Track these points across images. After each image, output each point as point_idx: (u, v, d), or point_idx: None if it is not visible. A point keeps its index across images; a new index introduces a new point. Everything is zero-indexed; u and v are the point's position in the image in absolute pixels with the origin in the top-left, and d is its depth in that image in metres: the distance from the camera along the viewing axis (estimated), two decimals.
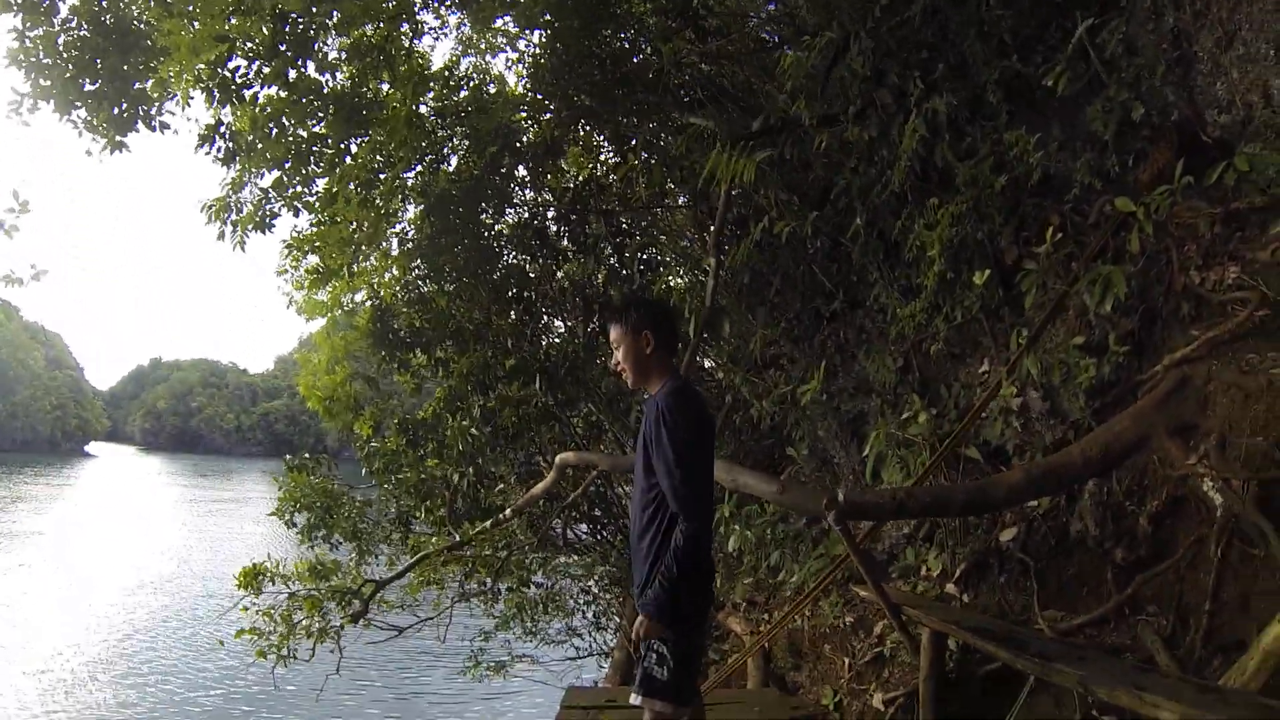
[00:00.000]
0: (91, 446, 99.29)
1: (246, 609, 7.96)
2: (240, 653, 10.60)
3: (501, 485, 9.83)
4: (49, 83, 7.27)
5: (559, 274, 9.84)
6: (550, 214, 9.68)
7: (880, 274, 5.66)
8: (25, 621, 20.17)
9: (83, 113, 7.50)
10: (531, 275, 9.95)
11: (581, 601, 9.97)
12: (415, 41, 8.47)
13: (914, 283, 5.29)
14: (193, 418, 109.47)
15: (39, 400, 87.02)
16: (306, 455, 10.41)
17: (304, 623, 7.88)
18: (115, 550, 31.20)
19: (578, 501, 9.16)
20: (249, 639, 7.86)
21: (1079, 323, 4.08)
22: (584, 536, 9.91)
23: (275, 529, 11.40)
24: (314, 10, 6.82)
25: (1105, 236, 3.94)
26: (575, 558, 9.75)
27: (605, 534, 9.89)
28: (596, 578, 9.70)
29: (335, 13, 7.02)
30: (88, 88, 7.41)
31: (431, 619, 9.13)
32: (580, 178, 9.37)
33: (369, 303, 10.70)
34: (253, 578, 7.97)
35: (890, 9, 4.67)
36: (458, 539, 8.46)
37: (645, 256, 9.38)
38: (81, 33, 7.34)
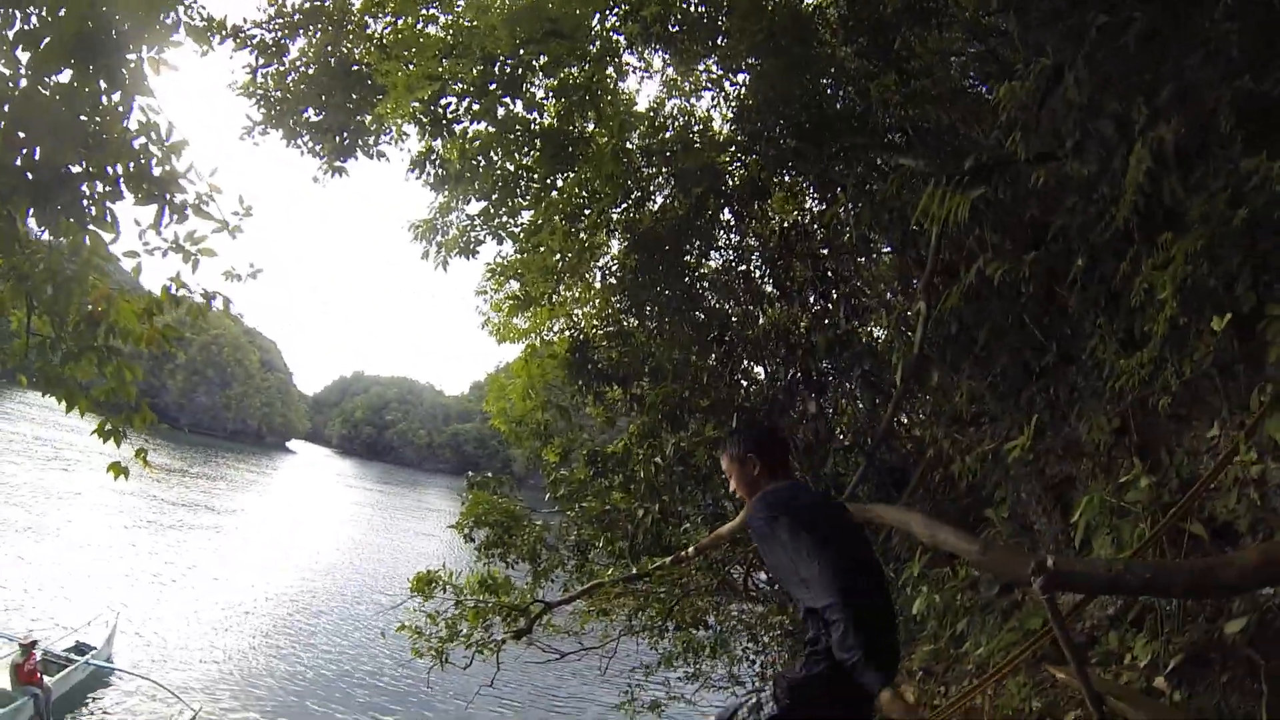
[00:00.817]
0: (292, 443, 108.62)
1: (412, 610, 8.36)
2: (398, 647, 10.94)
3: (686, 525, 9.81)
4: (278, 113, 8.34)
5: (761, 319, 9.82)
6: (755, 259, 9.69)
7: (1099, 324, 5.14)
8: (212, 583, 23.27)
9: (307, 139, 8.54)
10: (734, 319, 9.99)
11: (750, 650, 9.62)
12: (620, 83, 8.84)
13: (1138, 332, 4.74)
14: (387, 430, 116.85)
15: (251, 397, 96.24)
16: (489, 474, 10.85)
17: (466, 632, 8.12)
18: (298, 534, 35.11)
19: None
20: (409, 636, 8.26)
21: None
22: (762, 585, 9.62)
23: (446, 540, 11.97)
24: (521, 52, 7.32)
25: None
26: (750, 606, 9.47)
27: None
28: (768, 628, 9.33)
29: (542, 55, 7.49)
30: (313, 119, 8.47)
31: (596, 649, 9.12)
32: (785, 223, 9.33)
33: (567, 333, 11.08)
34: (425, 583, 8.37)
35: (1105, 32, 4.27)
36: (635, 572, 8.48)
37: (850, 303, 9.13)
38: (308, 71, 8.39)
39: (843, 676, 2.41)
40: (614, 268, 10.71)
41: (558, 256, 10.31)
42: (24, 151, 3.91)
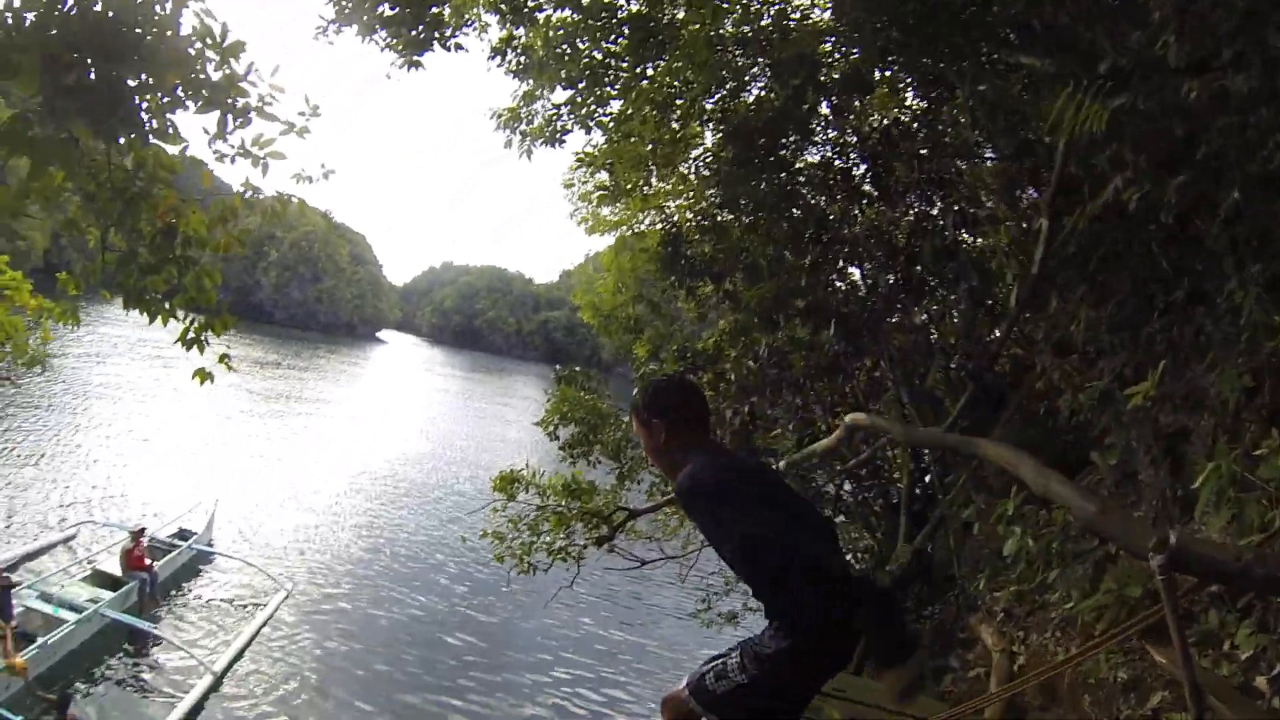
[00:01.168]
0: (383, 334, 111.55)
1: (494, 513, 8.42)
2: (479, 541, 11.31)
3: (777, 430, 9.64)
4: (351, 9, 7.95)
5: (859, 219, 9.22)
6: (853, 156, 8.98)
7: (1249, 266, 4.49)
8: (304, 472, 24.68)
9: (383, 34, 8.17)
10: (831, 217, 9.41)
11: None
12: None
13: None
14: (476, 318, 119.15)
15: (342, 290, 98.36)
16: (577, 368, 10.67)
17: (549, 538, 8.17)
18: (387, 424, 36.79)
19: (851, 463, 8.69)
20: (492, 542, 8.35)
21: None
22: (846, 496, 9.40)
23: (532, 430, 11.92)
24: None
25: None
26: (837, 517, 9.34)
27: (869, 495, 9.28)
28: (850, 544, 9.16)
29: None
30: (387, 13, 8.06)
31: (677, 557, 9.13)
32: (886, 121, 8.53)
33: (659, 225, 10.66)
34: (508, 483, 8.38)
35: None
36: None
37: (955, 211, 8.40)
38: None
39: (809, 652, 2.31)
40: (708, 159, 10.16)
41: (649, 147, 9.86)
42: (79, 71, 3.87)
